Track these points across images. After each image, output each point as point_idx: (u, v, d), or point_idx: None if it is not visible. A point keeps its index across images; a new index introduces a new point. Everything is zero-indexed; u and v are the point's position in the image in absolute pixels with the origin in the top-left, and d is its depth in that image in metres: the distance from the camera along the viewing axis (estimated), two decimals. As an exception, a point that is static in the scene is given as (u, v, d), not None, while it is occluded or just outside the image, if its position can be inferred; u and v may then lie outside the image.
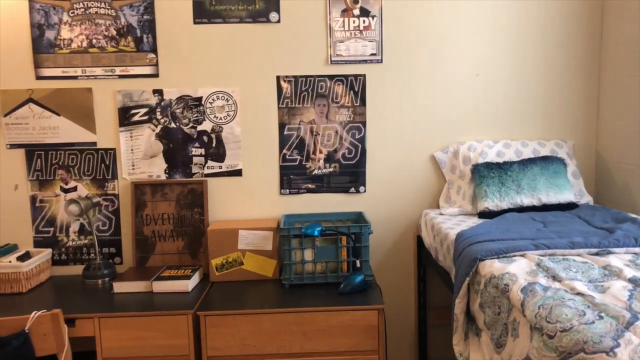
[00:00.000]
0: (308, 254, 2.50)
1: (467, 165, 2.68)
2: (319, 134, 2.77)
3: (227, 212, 2.82)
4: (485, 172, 2.57)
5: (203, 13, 2.67)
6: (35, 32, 2.64)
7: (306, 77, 2.73)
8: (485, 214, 2.51)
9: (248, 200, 2.82)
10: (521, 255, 1.80)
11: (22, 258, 2.58)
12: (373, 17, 2.70)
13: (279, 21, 2.69)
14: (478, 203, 2.56)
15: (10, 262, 2.52)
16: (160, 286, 2.45)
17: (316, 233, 2.37)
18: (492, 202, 2.50)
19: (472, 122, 2.80)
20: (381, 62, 2.73)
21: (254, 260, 2.62)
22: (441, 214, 2.65)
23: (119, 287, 2.48)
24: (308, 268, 2.51)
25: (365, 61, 2.73)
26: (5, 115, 2.69)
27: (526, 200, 2.48)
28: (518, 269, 1.66)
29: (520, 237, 1.95)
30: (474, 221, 2.45)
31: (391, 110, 2.78)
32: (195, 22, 2.68)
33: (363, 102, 2.75)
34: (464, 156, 2.71)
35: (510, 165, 2.57)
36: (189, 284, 2.47)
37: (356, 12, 2.70)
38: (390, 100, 2.77)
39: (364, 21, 2.70)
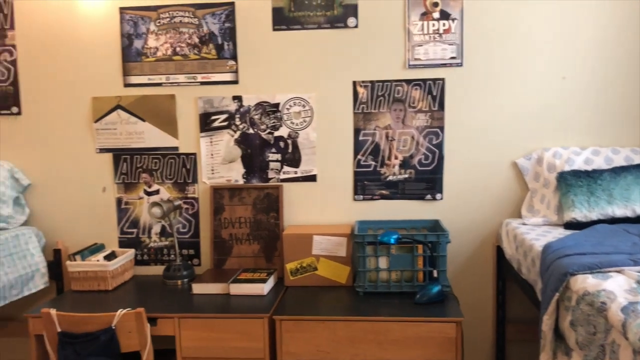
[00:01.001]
0: (383, 262, 2.46)
1: (552, 173, 2.54)
2: (394, 139, 2.73)
3: (302, 217, 2.83)
4: (573, 181, 2.43)
5: (282, 20, 2.70)
6: (125, 42, 2.78)
7: (383, 82, 2.70)
8: (572, 225, 2.37)
9: (322, 206, 2.81)
10: (617, 271, 1.67)
11: (108, 257, 2.71)
12: (453, 19, 2.63)
13: (356, 26, 2.68)
14: (564, 213, 2.42)
15: (98, 260, 2.65)
16: (237, 289, 2.50)
17: (392, 241, 2.33)
18: (580, 213, 2.35)
19: (557, 128, 2.66)
20: (461, 65, 2.66)
21: (327, 266, 2.61)
22: (524, 224, 2.53)
23: (198, 288, 2.54)
24: (382, 276, 2.46)
25: (444, 65, 2.66)
26: (96, 121, 2.84)
27: (618, 211, 2.32)
28: (615, 286, 1.54)
29: (615, 251, 1.82)
30: (561, 232, 2.32)
31: (471, 115, 2.69)
32: (274, 29, 2.71)
33: (441, 107, 2.68)
34: (549, 163, 2.57)
35: (600, 173, 2.42)
36: (265, 288, 2.49)
37: (436, 15, 2.63)
38: (470, 104, 2.69)
39: (443, 24, 2.64)
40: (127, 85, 2.81)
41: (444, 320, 2.17)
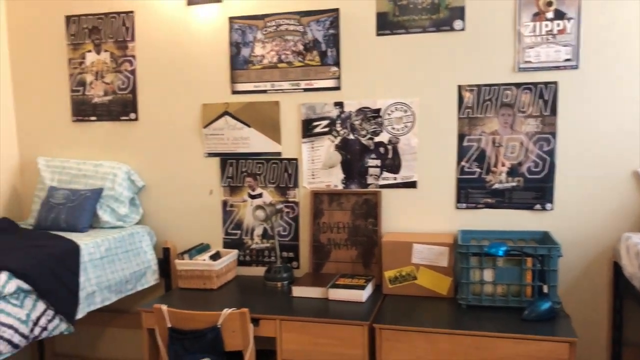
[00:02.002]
0: (488, 274, 2.35)
1: (683, 185, 2.31)
2: (501, 145, 2.61)
3: (401, 224, 2.78)
4: None
5: (386, 24, 2.68)
6: (233, 50, 2.89)
7: (490, 85, 2.59)
8: None
9: (422, 213, 2.75)
10: None
11: (213, 257, 2.82)
12: (569, 19, 2.47)
13: (463, 29, 2.59)
14: (698, 229, 2.19)
15: (204, 260, 2.77)
16: (335, 294, 2.50)
17: (500, 253, 2.22)
18: None
19: (688, 135, 2.42)
20: (577, 68, 2.49)
21: (428, 275, 2.54)
22: (648, 240, 2.32)
23: (298, 291, 2.58)
24: (487, 289, 2.36)
25: (557, 67, 2.50)
26: (205, 126, 2.98)
27: None
28: None
29: None
30: (694, 251, 2.10)
31: (586, 120, 2.51)
32: (378, 34, 2.70)
33: (553, 112, 2.53)
34: (679, 174, 2.34)
35: None
36: (363, 295, 2.47)
37: (549, 15, 2.49)
38: (586, 109, 2.51)
39: (558, 24, 2.48)
40: (234, 92, 2.92)
41: (556, 339, 2.03)
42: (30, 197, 3.25)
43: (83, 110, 3.14)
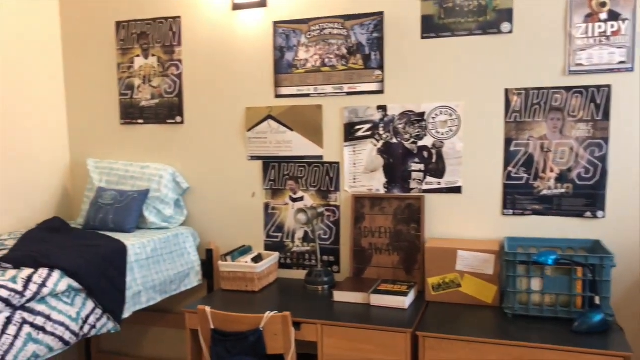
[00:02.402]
0: (536, 284, 2.28)
1: None
2: (550, 151, 2.53)
3: (444, 230, 2.74)
4: None
5: (431, 27, 2.64)
6: (277, 55, 2.91)
7: (539, 89, 2.52)
8: None
9: (467, 219, 2.69)
10: None
11: (255, 259, 2.84)
12: (624, 20, 2.37)
13: (511, 31, 2.53)
14: None
15: (246, 262, 2.79)
16: (377, 300, 2.47)
17: (550, 262, 2.15)
18: None
19: None
20: (632, 70, 2.39)
21: (473, 283, 2.49)
22: None
23: (339, 296, 2.56)
24: (535, 299, 2.29)
25: (611, 70, 2.41)
26: (249, 130, 3.01)
27: None
28: None
29: None
30: None
31: (642, 126, 2.41)
32: (422, 37, 2.66)
33: (606, 116, 2.44)
34: None
35: None
36: (406, 301, 2.44)
37: (603, 16, 2.40)
38: (642, 114, 2.41)
39: (612, 26, 2.39)
40: (277, 96, 2.94)
41: (609, 353, 1.95)
42: (80, 197, 3.36)
43: (131, 113, 3.23)
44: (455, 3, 2.60)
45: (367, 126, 2.80)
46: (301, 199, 2.96)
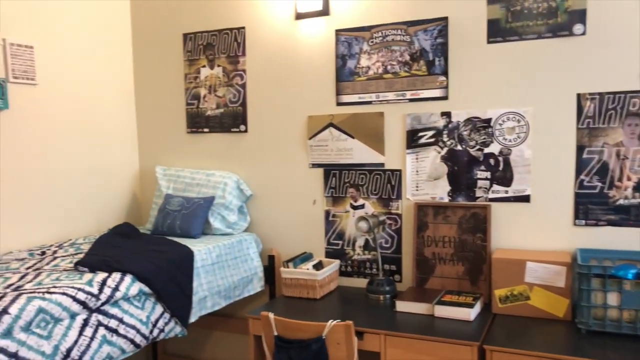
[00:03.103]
0: (612, 298, 2.16)
1: None
2: (627, 158, 2.39)
3: (512, 240, 2.64)
4: None
5: (498, 32, 2.57)
6: (339, 62, 2.91)
7: (614, 93, 2.39)
8: None
9: (536, 229, 2.59)
10: None
11: (316, 267, 2.84)
12: None
13: (584, 33, 2.42)
14: None
15: (307, 269, 2.80)
16: (442, 311, 2.42)
17: (630, 276, 2.03)
18: None
19: None
20: None
21: (543, 296, 2.39)
22: None
23: (402, 306, 2.52)
24: (611, 314, 2.17)
25: (696, 72, 2.26)
26: (310, 138, 3.03)
27: None
28: None
29: None
30: None
31: None
32: (488, 42, 2.59)
33: (690, 122, 2.29)
34: None
35: None
36: (472, 313, 2.37)
37: (686, 14, 2.26)
38: None
39: (697, 24, 2.24)
40: (339, 104, 2.94)
41: (697, 376, 1.82)
42: (149, 203, 3.49)
43: (197, 122, 3.32)
44: (523, 5, 2.51)
45: (431, 133, 2.75)
46: (362, 206, 2.94)
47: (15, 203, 2.75)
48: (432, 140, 2.75)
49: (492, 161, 2.64)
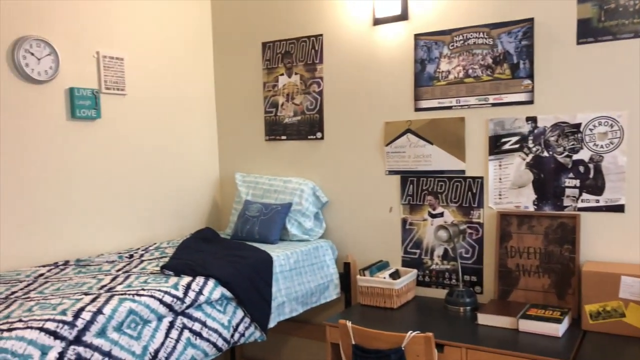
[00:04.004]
0: None
1: None
2: None
3: (603, 252, 2.48)
4: None
5: (588, 32, 2.42)
6: (418, 67, 2.86)
7: None
8: None
9: (631, 241, 2.42)
10: None
11: (393, 275, 2.80)
12: None
13: (688, 30, 2.24)
14: None
15: (384, 278, 2.76)
16: (527, 325, 2.30)
17: None
18: None
19: None
20: None
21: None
22: None
23: (484, 319, 2.43)
24: None
25: None
26: (387, 144, 2.99)
27: None
28: None
29: None
30: None
31: None
32: (578, 43, 2.45)
33: None
34: None
35: None
36: (560, 329, 2.24)
37: None
38: None
39: None
40: (417, 109, 2.89)
41: None
42: (228, 209, 3.59)
43: (275, 130, 3.38)
44: (618, 3, 2.36)
45: (515, 139, 2.64)
46: (441, 214, 2.86)
47: (105, 207, 2.91)
48: (516, 146, 2.64)
49: (581, 168, 2.49)
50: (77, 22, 2.76)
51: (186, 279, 2.18)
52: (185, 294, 2.09)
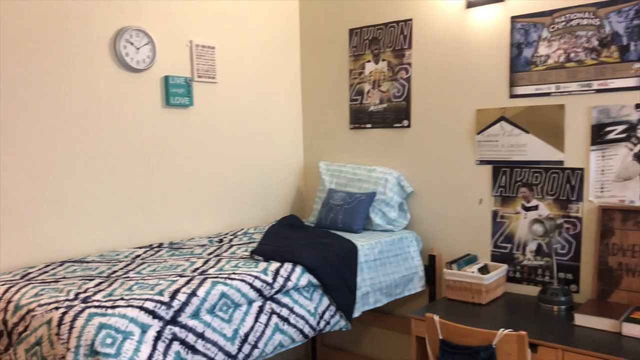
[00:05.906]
0: None
1: None
2: None
3: None
4: None
5: None
6: (514, 52, 2.71)
7: None
8: None
9: None
10: None
11: (481, 270, 2.69)
12: None
13: None
14: None
15: (472, 272, 2.66)
16: (631, 329, 2.13)
17: None
18: None
19: None
20: None
21: None
22: None
23: (581, 319, 2.28)
24: None
25: None
26: (478, 133, 2.87)
27: None
28: None
29: None
30: None
31: None
32: (702, 21, 2.22)
33: None
34: None
35: None
36: (671, 336, 2.06)
37: None
38: None
39: None
40: (512, 96, 2.74)
41: None
42: (312, 197, 3.60)
43: (360, 118, 3.34)
44: None
45: (621, 127, 2.43)
46: (535, 207, 2.71)
47: (195, 193, 3.00)
48: (622, 135, 2.43)
49: (700, 161, 2.26)
50: (172, 13, 2.85)
51: (275, 265, 2.21)
52: (274, 279, 2.11)
